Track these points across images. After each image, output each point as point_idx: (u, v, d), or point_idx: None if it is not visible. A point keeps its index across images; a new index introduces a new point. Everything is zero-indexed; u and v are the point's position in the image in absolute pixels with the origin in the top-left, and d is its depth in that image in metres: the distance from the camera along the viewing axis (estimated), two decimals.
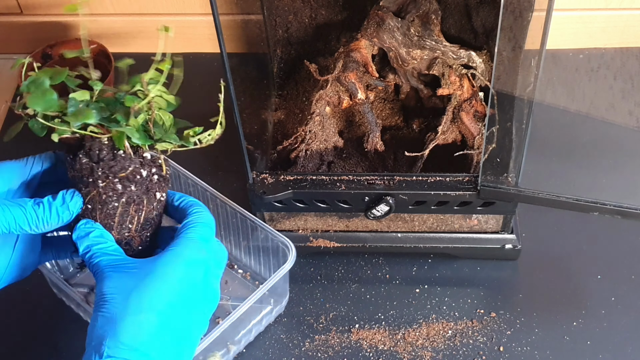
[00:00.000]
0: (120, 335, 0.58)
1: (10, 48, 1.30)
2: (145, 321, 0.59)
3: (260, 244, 0.93)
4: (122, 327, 0.58)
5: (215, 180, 1.10)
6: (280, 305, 0.95)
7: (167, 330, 0.60)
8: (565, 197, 0.85)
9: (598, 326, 0.93)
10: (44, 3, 1.23)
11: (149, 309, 0.59)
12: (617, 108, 1.03)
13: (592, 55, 1.21)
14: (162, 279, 0.61)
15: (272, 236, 0.89)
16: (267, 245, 0.91)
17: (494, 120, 0.88)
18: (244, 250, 0.97)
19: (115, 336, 0.58)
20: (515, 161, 0.88)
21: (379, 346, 0.93)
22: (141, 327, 0.58)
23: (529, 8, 0.80)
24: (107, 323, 0.58)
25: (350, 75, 0.95)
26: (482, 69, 0.95)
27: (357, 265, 1.01)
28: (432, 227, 0.97)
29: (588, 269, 0.98)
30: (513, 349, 0.92)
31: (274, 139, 1.01)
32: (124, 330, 0.58)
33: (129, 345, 0.58)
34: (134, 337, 0.58)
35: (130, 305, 0.59)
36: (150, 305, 0.60)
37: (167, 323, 0.60)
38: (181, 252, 0.63)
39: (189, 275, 0.63)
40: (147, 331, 0.59)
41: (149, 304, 0.60)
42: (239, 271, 0.98)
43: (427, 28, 0.97)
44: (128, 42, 1.26)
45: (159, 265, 0.62)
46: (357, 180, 0.90)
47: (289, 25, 1.09)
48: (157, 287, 0.60)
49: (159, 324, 0.59)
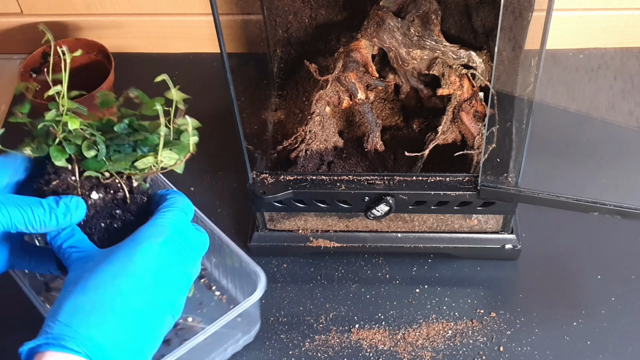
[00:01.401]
0: (59, 315, 0.59)
1: (10, 48, 1.30)
2: (85, 301, 0.60)
3: (235, 268, 0.91)
4: (63, 307, 0.60)
5: (215, 180, 1.10)
6: (249, 335, 0.92)
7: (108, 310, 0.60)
8: (565, 197, 0.85)
9: (598, 326, 0.93)
10: (44, 3, 1.23)
11: (91, 289, 0.60)
12: (617, 108, 1.03)
13: (592, 55, 1.21)
14: (113, 261, 0.62)
15: (245, 263, 0.87)
16: (243, 271, 0.89)
17: (494, 120, 0.88)
18: (222, 272, 0.95)
19: (55, 315, 0.59)
20: (515, 161, 0.88)
21: (379, 346, 0.93)
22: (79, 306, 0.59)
23: (529, 8, 0.80)
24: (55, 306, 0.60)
25: (350, 75, 0.95)
26: (482, 69, 0.95)
27: (357, 265, 1.01)
28: (432, 227, 0.97)
29: (588, 269, 0.98)
30: (513, 349, 0.92)
31: (274, 139, 1.01)
32: (64, 309, 0.59)
33: (65, 322, 0.59)
34: (71, 315, 0.59)
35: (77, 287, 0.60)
36: (95, 286, 0.60)
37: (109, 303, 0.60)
38: (139, 236, 0.64)
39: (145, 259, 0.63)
40: (84, 310, 0.59)
41: (94, 284, 0.60)
42: (217, 293, 0.96)
43: (427, 28, 0.97)
44: (128, 42, 1.26)
45: (115, 250, 0.63)
46: (357, 180, 0.90)
47: (289, 25, 1.09)
48: (105, 270, 0.61)
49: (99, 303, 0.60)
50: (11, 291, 0.89)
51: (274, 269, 1.01)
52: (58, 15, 1.24)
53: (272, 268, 1.01)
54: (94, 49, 1.17)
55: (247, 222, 1.02)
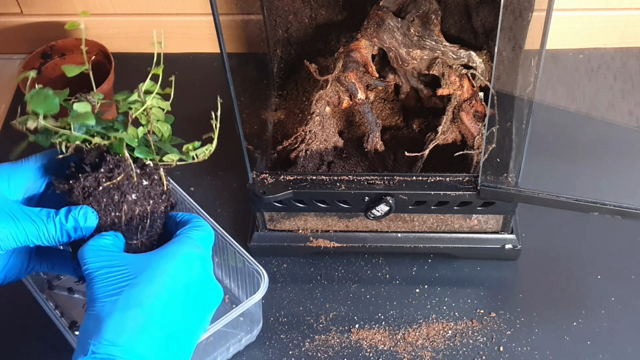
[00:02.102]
0: (104, 332, 0.57)
1: (10, 48, 1.30)
2: (131, 317, 0.58)
3: (238, 268, 0.91)
4: (106, 324, 0.57)
5: (215, 180, 1.10)
6: (252, 334, 0.92)
7: (156, 327, 0.59)
8: (565, 197, 0.85)
9: (598, 326, 0.93)
10: (44, 3, 1.23)
11: (135, 305, 0.59)
12: (617, 108, 1.03)
13: (592, 55, 1.21)
14: (154, 274, 0.60)
15: (247, 262, 0.87)
16: (245, 271, 0.89)
17: (494, 120, 0.88)
18: (225, 272, 0.95)
19: (99, 333, 0.57)
20: (515, 161, 0.88)
21: (379, 346, 0.93)
22: (125, 324, 0.58)
23: (529, 8, 0.80)
24: (93, 322, 0.58)
25: (350, 75, 0.95)
26: (482, 69, 0.95)
27: (357, 265, 1.01)
28: (432, 227, 0.97)
29: (588, 269, 0.98)
30: (513, 349, 0.92)
31: (274, 139, 1.01)
32: (108, 327, 0.57)
33: (112, 341, 0.57)
34: (118, 333, 0.57)
35: (118, 303, 0.58)
36: (138, 301, 0.59)
37: (156, 319, 0.59)
38: (177, 248, 0.63)
39: (184, 272, 0.62)
40: (132, 327, 0.58)
41: (137, 299, 0.59)
42: None
43: (427, 28, 0.97)
44: (128, 42, 1.26)
45: (152, 261, 0.61)
46: (357, 180, 0.90)
47: (289, 25, 1.09)
48: (147, 283, 0.60)
49: (146, 320, 0.58)
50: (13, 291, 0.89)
51: (274, 269, 1.01)
52: (58, 15, 1.24)
53: (272, 268, 1.01)
54: (94, 49, 1.17)
55: (247, 222, 1.02)
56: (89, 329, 0.58)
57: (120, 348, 0.57)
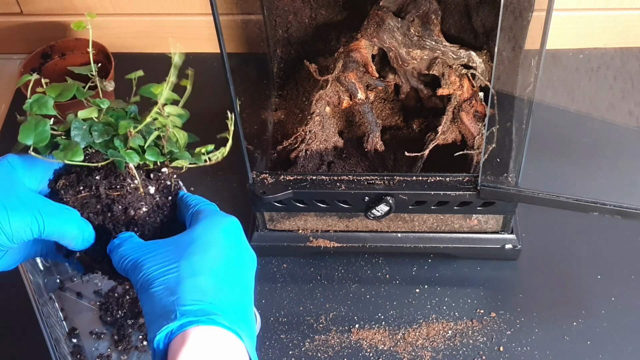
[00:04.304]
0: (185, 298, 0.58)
1: (10, 48, 1.30)
2: (204, 281, 0.60)
3: None
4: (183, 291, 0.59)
5: (215, 180, 1.10)
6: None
7: (225, 286, 0.61)
8: (565, 197, 0.85)
9: (598, 326, 0.93)
10: (44, 3, 1.23)
11: (200, 271, 0.60)
12: (617, 108, 1.03)
13: (592, 55, 1.21)
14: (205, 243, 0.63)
15: None
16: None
17: (494, 120, 0.88)
18: None
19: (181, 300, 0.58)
20: (515, 161, 0.88)
21: (379, 346, 0.93)
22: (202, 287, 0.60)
23: (529, 8, 0.80)
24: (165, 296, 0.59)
25: (350, 75, 0.95)
26: (482, 69, 0.95)
27: (357, 265, 1.01)
28: (432, 227, 0.97)
29: (588, 269, 0.98)
30: (513, 349, 0.92)
31: (274, 139, 1.01)
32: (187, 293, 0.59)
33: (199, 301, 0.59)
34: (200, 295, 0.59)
35: (182, 272, 0.60)
36: (200, 269, 0.61)
37: (223, 280, 0.61)
38: (213, 221, 0.65)
39: (227, 238, 0.64)
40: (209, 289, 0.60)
41: (199, 267, 0.61)
42: None
43: (427, 28, 0.97)
44: (128, 42, 1.26)
45: (198, 235, 0.64)
46: (357, 180, 0.90)
47: (289, 25, 1.09)
48: (203, 251, 0.62)
49: (217, 281, 0.61)
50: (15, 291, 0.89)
51: (274, 269, 1.01)
52: (58, 15, 1.24)
53: (272, 268, 1.01)
54: (94, 49, 1.17)
55: (247, 222, 1.02)
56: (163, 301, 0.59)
57: (210, 305, 0.58)
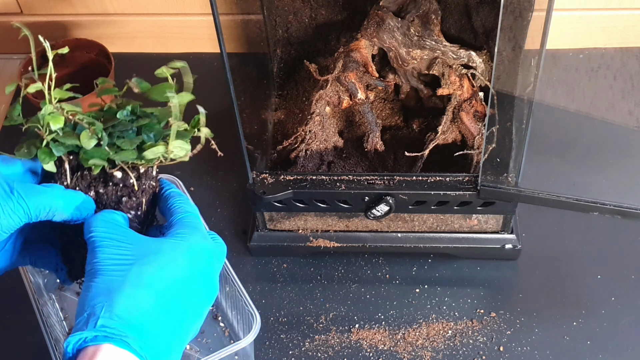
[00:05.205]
0: (115, 307, 0.56)
1: (10, 48, 1.30)
2: (143, 296, 0.57)
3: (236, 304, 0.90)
4: (118, 298, 0.56)
5: (215, 180, 1.10)
6: None
7: (162, 312, 0.58)
8: (565, 197, 0.85)
9: (598, 326, 0.93)
10: (44, 3, 1.23)
11: (147, 285, 0.58)
12: (617, 108, 1.03)
13: (592, 55, 1.21)
14: (166, 259, 0.60)
15: (244, 302, 0.86)
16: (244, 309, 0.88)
17: (494, 120, 0.88)
18: (230, 304, 0.94)
19: (111, 307, 0.56)
20: (515, 161, 0.88)
21: (379, 346, 0.93)
22: (137, 302, 0.57)
23: (529, 8, 0.80)
24: (101, 294, 0.57)
25: (350, 75, 0.95)
26: (482, 69, 0.95)
27: (357, 265, 1.01)
28: (432, 227, 0.97)
29: (588, 269, 0.98)
30: (513, 349, 0.92)
31: (274, 139, 1.01)
32: (120, 302, 0.56)
33: (124, 318, 0.56)
34: (130, 310, 0.56)
35: (129, 278, 0.57)
36: (149, 282, 0.58)
37: (164, 304, 0.58)
38: (188, 239, 0.63)
39: (192, 262, 0.61)
40: (143, 307, 0.57)
41: (148, 279, 0.58)
42: (221, 324, 0.95)
43: (427, 28, 0.97)
44: (128, 42, 1.26)
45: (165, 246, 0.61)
46: (357, 180, 0.90)
47: (289, 25, 1.09)
48: (159, 266, 0.59)
49: (156, 303, 0.58)
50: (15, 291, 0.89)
51: (274, 269, 1.01)
52: (58, 15, 1.24)
53: (272, 268, 1.01)
54: (94, 49, 1.17)
55: (247, 222, 1.02)
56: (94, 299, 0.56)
57: (131, 327, 0.56)
